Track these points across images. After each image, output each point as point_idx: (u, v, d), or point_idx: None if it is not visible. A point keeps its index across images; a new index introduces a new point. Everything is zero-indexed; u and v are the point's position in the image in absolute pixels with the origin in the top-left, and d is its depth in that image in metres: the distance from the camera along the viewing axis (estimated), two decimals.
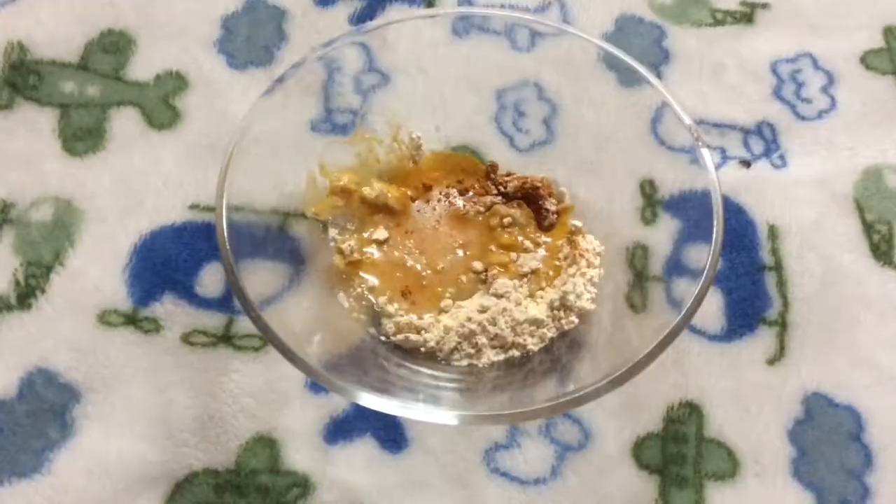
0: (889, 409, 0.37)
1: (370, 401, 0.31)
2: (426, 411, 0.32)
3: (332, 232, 0.40)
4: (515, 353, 0.37)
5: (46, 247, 0.41)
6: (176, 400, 0.37)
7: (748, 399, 0.38)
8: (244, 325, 0.39)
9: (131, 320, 0.39)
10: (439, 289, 0.39)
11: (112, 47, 0.47)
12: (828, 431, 0.37)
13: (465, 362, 0.37)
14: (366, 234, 0.40)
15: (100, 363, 0.38)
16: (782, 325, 0.39)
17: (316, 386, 0.38)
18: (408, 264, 0.40)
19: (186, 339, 0.39)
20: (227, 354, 0.39)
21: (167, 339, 0.39)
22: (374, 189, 0.41)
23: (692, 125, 0.37)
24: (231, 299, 0.40)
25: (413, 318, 0.38)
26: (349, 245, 0.40)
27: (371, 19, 0.49)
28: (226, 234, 0.34)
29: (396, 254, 0.40)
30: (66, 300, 0.40)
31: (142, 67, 0.47)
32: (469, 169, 0.43)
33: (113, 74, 0.46)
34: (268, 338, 0.32)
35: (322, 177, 0.40)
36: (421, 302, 0.39)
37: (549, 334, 0.38)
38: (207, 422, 0.37)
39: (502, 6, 0.50)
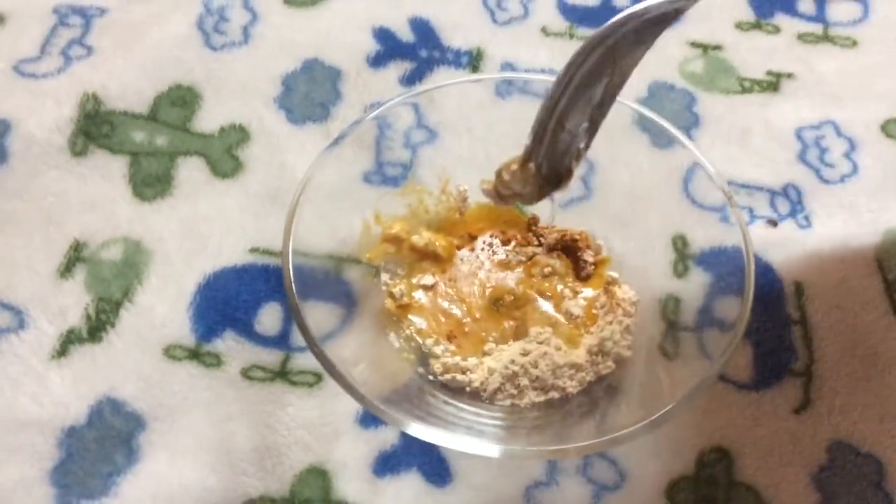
0: None
1: (418, 430, 0.33)
2: (470, 443, 0.34)
3: (384, 277, 0.43)
4: (555, 394, 0.39)
5: (116, 284, 0.44)
6: (235, 431, 0.40)
7: (775, 445, 0.40)
8: (300, 361, 0.42)
9: (194, 355, 0.42)
10: (483, 333, 0.42)
11: (180, 101, 0.51)
12: (851, 478, 0.39)
13: (507, 402, 0.39)
14: (414, 280, 0.43)
15: (164, 394, 0.41)
16: (808, 376, 0.41)
17: (366, 420, 0.40)
18: (452, 311, 0.43)
19: (245, 373, 0.41)
20: (283, 389, 0.41)
21: (228, 374, 0.41)
22: (422, 237, 0.44)
23: (724, 185, 0.39)
24: (287, 337, 0.42)
25: (458, 359, 0.40)
26: (399, 289, 0.42)
27: (419, 80, 0.53)
28: (292, 276, 0.36)
29: (441, 300, 0.43)
30: (134, 334, 0.42)
31: (207, 120, 0.50)
32: (512, 221, 0.46)
33: (180, 126, 0.50)
34: (328, 371, 0.34)
35: (376, 225, 0.43)
36: (465, 346, 0.42)
37: (588, 378, 0.40)
38: (264, 452, 0.39)
39: (542, 70, 0.53)
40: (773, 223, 0.46)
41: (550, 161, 0.36)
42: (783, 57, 0.54)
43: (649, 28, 0.32)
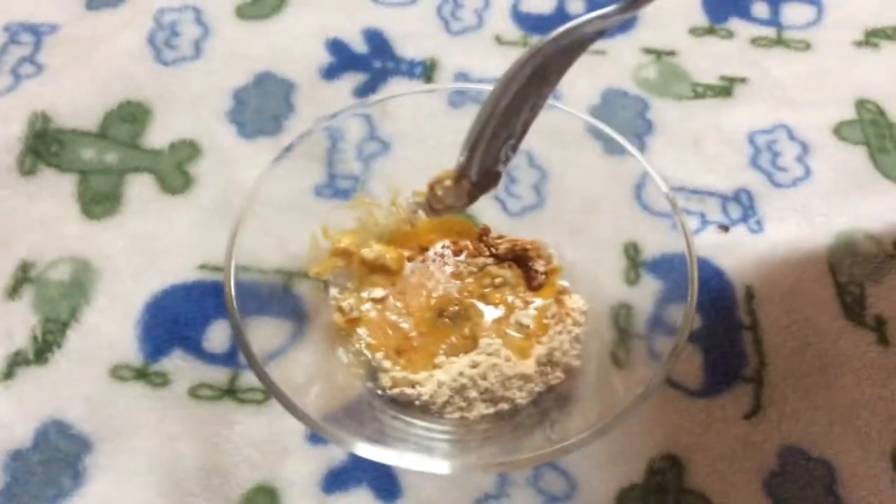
0: (859, 462, 0.39)
1: (366, 451, 0.33)
2: (419, 460, 0.34)
3: (333, 291, 0.43)
4: (505, 406, 0.39)
5: (63, 304, 0.43)
6: (182, 451, 0.39)
7: (726, 452, 0.39)
8: (248, 379, 0.41)
9: (141, 375, 0.41)
10: (432, 347, 0.42)
11: (130, 117, 0.50)
12: (803, 483, 0.39)
13: (456, 415, 0.39)
14: (364, 294, 0.43)
15: (111, 415, 0.40)
16: (759, 381, 0.41)
17: (315, 437, 0.40)
18: (401, 324, 0.42)
19: (193, 392, 0.41)
20: (231, 407, 0.41)
21: (175, 393, 0.41)
22: (372, 250, 0.43)
23: (669, 192, 0.39)
24: (236, 354, 0.42)
25: (407, 373, 0.40)
26: (348, 303, 0.42)
27: (373, 91, 0.52)
28: (233, 293, 0.36)
29: (390, 313, 0.43)
30: (80, 355, 0.42)
31: (157, 136, 0.50)
32: (463, 232, 0.46)
33: (130, 143, 0.49)
34: (271, 391, 0.34)
35: (325, 239, 0.43)
36: (415, 359, 0.41)
37: (537, 389, 0.40)
38: (211, 472, 0.39)
39: (496, 80, 0.53)
40: (725, 228, 0.46)
41: (482, 170, 0.36)
42: (736, 61, 0.54)
43: (584, 43, 0.32)
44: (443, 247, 0.45)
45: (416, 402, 0.39)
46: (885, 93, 0.52)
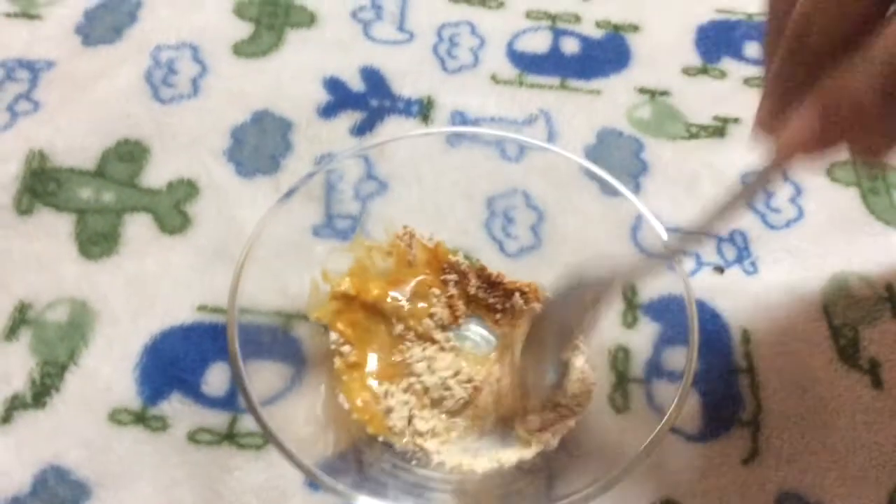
0: None
1: (363, 502, 0.33)
2: None
3: (333, 335, 0.43)
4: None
5: (61, 346, 0.43)
6: (182, 497, 0.39)
7: (724, 497, 0.40)
8: (247, 423, 0.41)
9: (140, 419, 0.41)
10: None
11: (127, 156, 0.50)
12: None
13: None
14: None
15: (110, 461, 0.40)
16: (756, 425, 0.42)
17: (315, 484, 0.40)
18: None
19: (192, 437, 0.41)
20: (230, 452, 0.40)
21: (174, 437, 0.41)
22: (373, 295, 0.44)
23: (666, 238, 0.39)
24: (235, 398, 0.42)
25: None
26: (349, 348, 0.42)
27: (370, 129, 0.53)
28: (236, 338, 0.36)
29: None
30: (79, 399, 0.42)
31: (155, 175, 0.50)
32: (453, 265, 0.45)
33: (128, 182, 0.49)
34: (270, 439, 0.34)
35: (324, 283, 0.43)
36: None
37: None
38: None
39: (492, 118, 0.54)
40: (720, 270, 0.47)
41: None
42: (729, 102, 0.55)
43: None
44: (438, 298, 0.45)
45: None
46: None
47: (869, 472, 0.40)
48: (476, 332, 0.44)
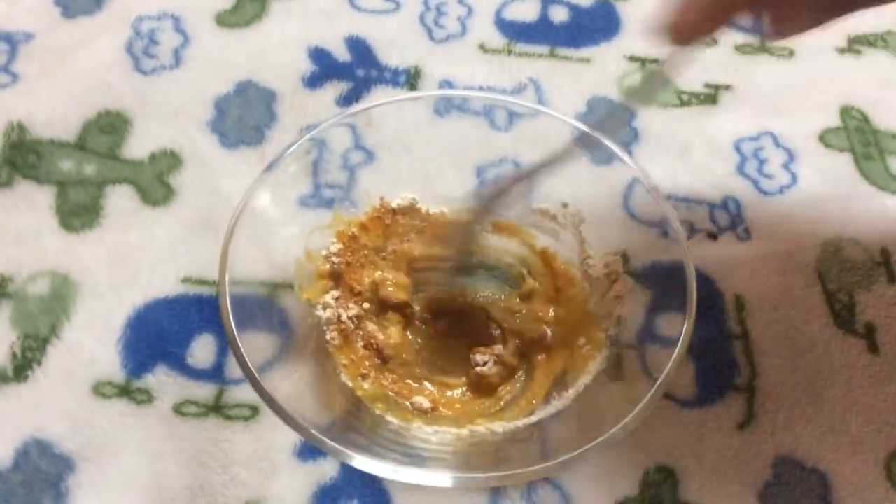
0: (853, 471, 0.39)
1: (362, 463, 0.32)
2: (415, 474, 0.33)
3: (320, 311, 0.42)
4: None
5: (43, 320, 0.42)
6: (167, 470, 0.38)
7: (720, 463, 0.39)
8: (235, 395, 0.40)
9: (125, 391, 0.40)
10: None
11: (109, 127, 0.49)
12: (797, 494, 0.39)
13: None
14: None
15: (94, 434, 0.39)
16: (751, 391, 0.41)
17: (304, 454, 0.39)
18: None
19: (178, 409, 0.40)
20: (218, 424, 0.40)
21: (159, 410, 0.40)
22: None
23: (665, 202, 0.39)
24: (222, 370, 0.41)
25: None
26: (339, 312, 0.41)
27: (356, 100, 0.52)
28: (230, 307, 0.35)
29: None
30: (61, 372, 0.41)
31: (137, 146, 0.49)
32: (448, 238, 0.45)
33: (109, 153, 0.48)
34: (268, 404, 0.33)
35: (308, 262, 0.42)
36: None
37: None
38: (197, 491, 0.38)
39: (481, 88, 0.53)
40: (713, 236, 0.46)
41: None
42: (721, 69, 0.54)
43: None
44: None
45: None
46: (869, 100, 0.52)
47: (866, 436, 0.40)
48: None
